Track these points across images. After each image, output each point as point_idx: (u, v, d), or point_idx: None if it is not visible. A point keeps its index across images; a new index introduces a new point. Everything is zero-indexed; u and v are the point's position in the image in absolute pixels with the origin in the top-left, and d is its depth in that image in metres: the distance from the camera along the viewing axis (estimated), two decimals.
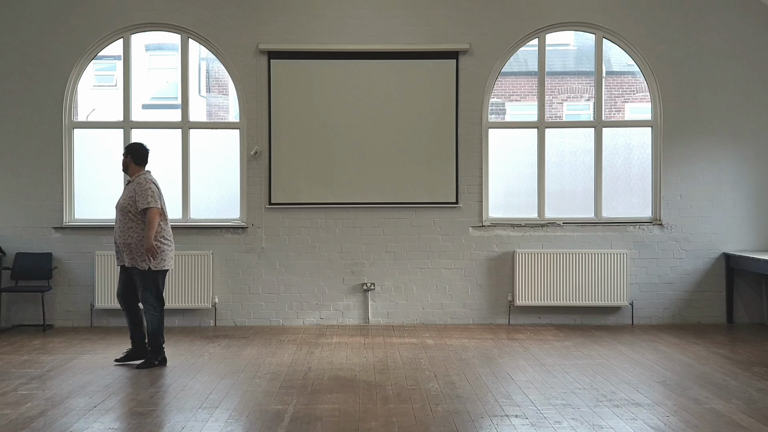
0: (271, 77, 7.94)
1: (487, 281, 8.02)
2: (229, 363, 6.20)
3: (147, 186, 6.01)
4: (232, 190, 8.06)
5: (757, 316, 8.04)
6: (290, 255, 7.99)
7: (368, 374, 5.79)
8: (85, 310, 7.92)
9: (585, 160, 8.12)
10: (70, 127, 8.01)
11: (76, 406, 4.93)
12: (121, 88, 8.08)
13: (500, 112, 8.53)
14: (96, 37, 7.92)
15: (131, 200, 6.00)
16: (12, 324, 7.90)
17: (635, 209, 8.13)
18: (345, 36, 7.96)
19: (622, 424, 4.54)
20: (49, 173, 7.91)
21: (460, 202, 8.01)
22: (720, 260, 8.02)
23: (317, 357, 6.41)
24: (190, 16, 7.93)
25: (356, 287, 8.02)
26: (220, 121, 8.60)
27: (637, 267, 8.00)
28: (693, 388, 5.35)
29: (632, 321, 8.00)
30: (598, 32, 8.04)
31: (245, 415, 4.76)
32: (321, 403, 4.97)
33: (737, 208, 8.03)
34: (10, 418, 4.64)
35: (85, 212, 8.05)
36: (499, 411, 4.81)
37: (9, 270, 7.81)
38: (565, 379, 5.63)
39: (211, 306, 7.90)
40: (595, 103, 8.12)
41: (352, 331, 7.61)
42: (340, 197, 7.99)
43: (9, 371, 5.91)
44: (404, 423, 4.55)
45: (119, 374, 5.81)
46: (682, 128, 8.01)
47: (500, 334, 7.43)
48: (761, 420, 4.59)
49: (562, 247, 8.00)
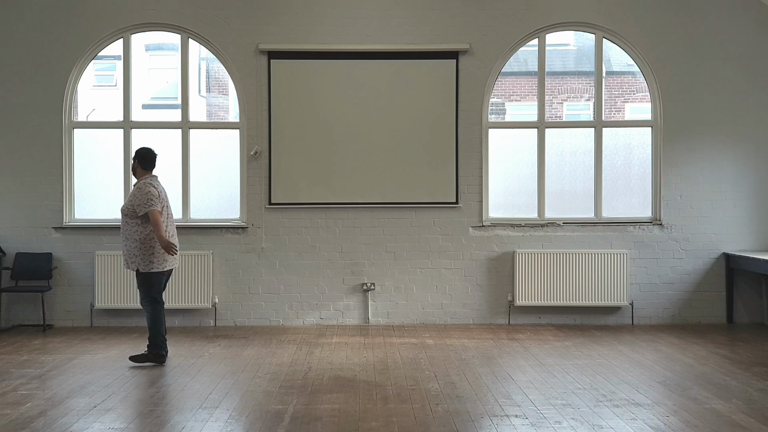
0: (271, 77, 7.95)
1: (487, 281, 8.02)
2: (229, 363, 6.20)
3: (146, 190, 6.08)
4: (232, 190, 8.06)
5: (757, 316, 8.04)
6: (290, 255, 7.99)
7: (368, 374, 5.79)
8: (85, 310, 7.93)
9: (585, 160, 8.13)
10: (70, 127, 8.01)
11: (76, 406, 4.93)
12: (121, 88, 8.08)
13: (500, 112, 8.53)
14: (96, 37, 7.92)
15: (131, 204, 6.11)
16: (12, 324, 7.90)
17: (635, 209, 8.13)
18: (345, 36, 7.96)
19: (622, 424, 4.55)
20: (49, 173, 7.91)
21: (460, 202, 8.01)
22: (720, 260, 8.02)
23: (317, 357, 6.41)
24: (190, 16, 7.93)
25: (356, 287, 8.02)
26: (220, 121, 8.60)
27: (637, 267, 8.00)
28: (693, 388, 5.35)
29: (632, 321, 8.00)
30: (598, 32, 8.05)
31: (245, 415, 4.77)
32: (321, 403, 4.97)
33: (737, 208, 8.03)
34: (10, 418, 4.64)
35: (85, 212, 8.06)
36: (499, 411, 4.81)
37: (9, 270, 7.81)
38: (565, 379, 5.63)
39: (211, 306, 7.90)
40: (595, 103, 8.12)
41: (352, 331, 7.61)
42: (340, 197, 7.99)
43: (9, 371, 5.91)
44: (404, 423, 4.55)
45: (119, 374, 5.81)
46: (682, 128, 8.01)
47: (500, 334, 7.43)
48: (761, 420, 4.59)
49: (562, 247, 8.00)
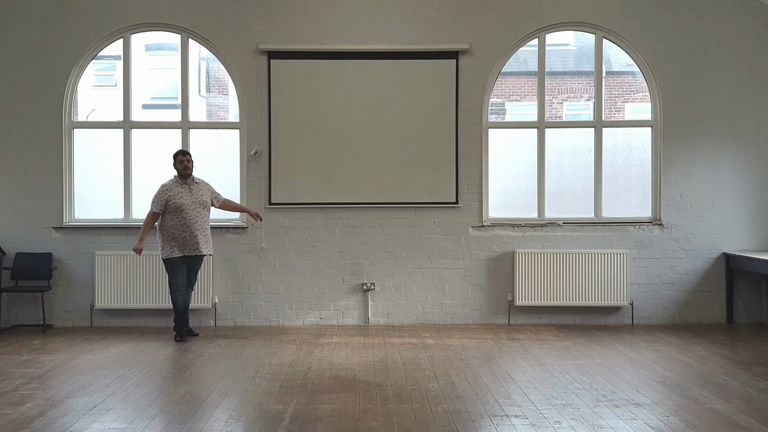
0: (271, 77, 7.95)
1: (487, 281, 8.02)
2: (229, 363, 6.21)
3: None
4: (232, 190, 8.05)
5: (757, 316, 8.04)
6: (290, 255, 7.99)
7: (368, 374, 5.79)
8: (85, 310, 7.93)
9: (585, 160, 8.13)
10: (70, 127, 8.01)
11: (76, 406, 4.93)
12: (121, 88, 8.08)
13: (500, 112, 8.53)
14: (96, 37, 7.92)
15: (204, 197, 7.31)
16: (12, 324, 7.90)
17: (635, 209, 8.13)
18: (345, 36, 7.96)
19: (622, 424, 4.55)
20: (49, 173, 7.91)
21: (460, 202, 8.01)
22: (720, 260, 8.02)
23: (317, 357, 6.41)
24: (190, 16, 7.93)
25: (356, 287, 8.02)
26: (220, 121, 8.59)
27: (637, 267, 8.00)
28: (693, 388, 5.35)
29: (632, 321, 8.01)
30: (598, 32, 8.05)
31: (245, 415, 4.77)
32: (321, 403, 4.97)
33: (737, 208, 8.04)
34: (10, 418, 4.64)
35: (85, 212, 8.06)
36: (499, 411, 4.81)
37: (9, 270, 7.81)
38: (565, 379, 5.63)
39: (211, 306, 7.90)
40: (595, 103, 8.12)
41: (352, 331, 7.61)
42: (340, 197, 7.99)
43: (9, 371, 5.91)
44: (404, 423, 4.55)
45: (119, 374, 5.81)
46: (682, 128, 8.01)
47: (500, 334, 7.43)
48: (761, 420, 4.59)
49: (562, 247, 8.00)
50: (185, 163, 7.22)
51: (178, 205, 7.07)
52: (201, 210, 7.18)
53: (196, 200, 7.15)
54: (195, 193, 7.19)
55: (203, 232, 7.20)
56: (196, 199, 7.16)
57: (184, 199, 7.12)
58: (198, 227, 7.13)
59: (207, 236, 7.27)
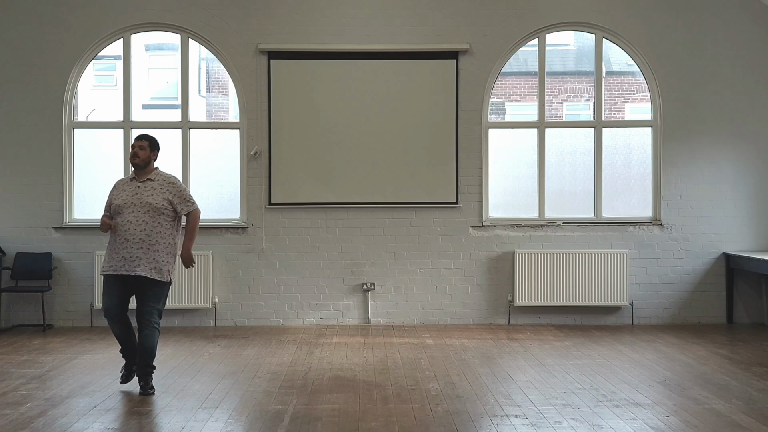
0: (271, 77, 7.95)
1: (487, 281, 8.02)
2: (229, 363, 6.20)
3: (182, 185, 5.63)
4: (232, 190, 8.06)
5: (757, 316, 8.04)
6: (290, 255, 7.99)
7: (368, 374, 5.79)
8: (85, 310, 7.92)
9: (585, 160, 8.13)
10: (70, 127, 8.01)
11: (76, 406, 4.93)
12: (121, 88, 8.08)
13: (500, 112, 8.54)
14: (96, 37, 7.92)
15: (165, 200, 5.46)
16: (12, 324, 7.90)
17: (635, 209, 8.13)
18: (345, 36, 7.96)
19: (622, 424, 4.54)
20: (49, 173, 7.91)
21: (460, 202, 8.01)
22: (720, 260, 8.01)
23: (317, 357, 6.41)
24: (190, 16, 7.93)
25: (356, 287, 8.02)
26: (220, 121, 8.59)
27: (637, 267, 8.00)
28: (693, 388, 5.35)
29: (632, 321, 8.00)
30: (598, 32, 8.04)
31: (245, 415, 4.76)
32: (321, 403, 4.97)
33: (737, 208, 8.03)
34: (10, 418, 4.64)
35: (85, 212, 8.05)
36: (499, 411, 4.81)
37: (9, 270, 7.81)
38: (565, 379, 5.63)
39: (211, 306, 7.90)
40: (595, 103, 8.12)
41: (352, 331, 7.61)
42: (340, 197, 7.99)
43: (9, 371, 5.91)
44: (404, 423, 4.55)
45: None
46: (682, 128, 8.01)
47: (500, 334, 7.43)
48: (761, 420, 4.59)
49: (562, 247, 8.00)
50: (134, 149, 5.39)
51: (116, 207, 5.34)
52: (144, 215, 5.23)
53: (137, 201, 5.26)
54: (140, 193, 5.29)
55: (148, 245, 5.20)
56: (139, 200, 5.26)
57: (122, 198, 5.32)
58: (137, 238, 5.19)
59: (156, 252, 5.21)
